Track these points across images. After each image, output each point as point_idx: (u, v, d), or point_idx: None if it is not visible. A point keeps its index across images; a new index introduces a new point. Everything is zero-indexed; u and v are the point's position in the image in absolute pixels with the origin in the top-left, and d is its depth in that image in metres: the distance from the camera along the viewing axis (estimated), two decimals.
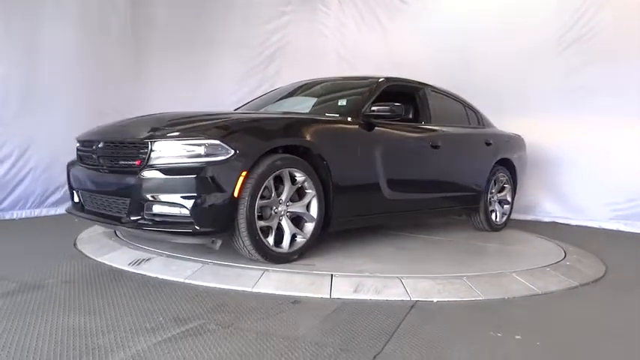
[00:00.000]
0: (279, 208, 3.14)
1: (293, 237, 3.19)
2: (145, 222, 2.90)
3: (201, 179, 2.79)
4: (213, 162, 2.82)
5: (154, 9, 6.45)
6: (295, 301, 2.65)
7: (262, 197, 2.99)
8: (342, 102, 4.07)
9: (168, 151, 2.89)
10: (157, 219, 2.89)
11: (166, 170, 2.86)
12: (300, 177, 3.19)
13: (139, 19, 6.19)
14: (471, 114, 5.08)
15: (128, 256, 3.22)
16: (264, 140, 3.05)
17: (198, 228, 2.82)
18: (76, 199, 3.50)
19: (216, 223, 2.86)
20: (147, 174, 2.89)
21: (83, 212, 3.39)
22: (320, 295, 2.74)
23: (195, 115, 3.38)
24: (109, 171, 3.15)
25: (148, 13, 6.34)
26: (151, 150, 2.90)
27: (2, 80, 4.78)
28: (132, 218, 2.94)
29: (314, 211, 3.26)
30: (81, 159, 3.46)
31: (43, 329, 2.08)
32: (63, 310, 2.33)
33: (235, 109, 4.57)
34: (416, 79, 4.56)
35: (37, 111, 5.02)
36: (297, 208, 3.21)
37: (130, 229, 3.08)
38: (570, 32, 5.98)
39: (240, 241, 2.96)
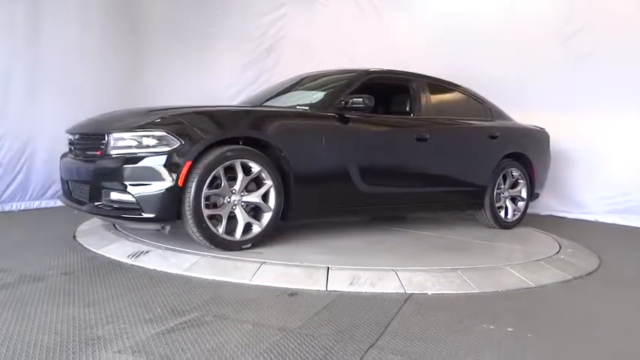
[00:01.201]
0: (232, 198, 3.21)
1: (249, 226, 3.27)
2: (104, 208, 3.12)
3: (146, 168, 2.99)
4: (158, 152, 2.99)
5: (154, 2, 6.44)
6: (292, 293, 2.69)
7: (212, 187, 3.10)
8: (318, 95, 4.02)
9: (121, 142, 3.09)
10: (115, 205, 3.08)
11: (117, 159, 3.06)
12: (255, 168, 3.25)
13: (138, 13, 6.19)
14: (476, 106, 4.87)
15: (127, 249, 3.25)
16: (210, 132, 3.14)
17: (144, 214, 3.00)
18: (66, 188, 3.66)
19: (162, 210, 3.00)
20: (101, 163, 3.15)
21: (70, 200, 3.53)
22: (316, 288, 2.78)
23: (163, 108, 3.42)
24: (82, 160, 3.39)
25: (147, 6, 6.33)
26: (108, 141, 3.12)
27: (3, 72, 4.79)
28: (94, 204, 3.16)
29: (272, 201, 3.31)
30: (68, 150, 3.69)
31: (43, 320, 2.12)
32: (63, 301, 2.37)
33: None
34: (409, 71, 4.48)
35: (38, 103, 5.04)
36: (253, 198, 3.28)
37: (89, 213, 3.32)
38: (569, 25, 5.98)
39: (189, 228, 3.09)
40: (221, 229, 3.16)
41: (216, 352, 1.90)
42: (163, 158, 2.97)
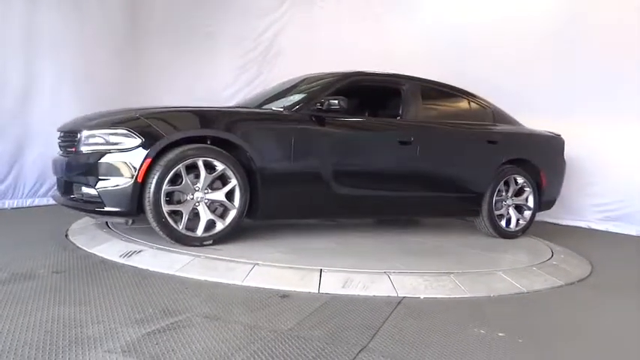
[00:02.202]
0: (196, 195, 3.28)
1: (212, 223, 3.33)
2: (76, 201, 3.33)
3: (108, 164, 3.15)
4: (120, 149, 3.15)
5: (153, 1, 6.45)
6: (284, 295, 2.68)
7: (177, 184, 3.21)
8: (297, 96, 4.00)
9: (91, 140, 3.25)
10: (85, 198, 3.26)
11: (85, 155, 3.25)
12: (219, 166, 3.31)
13: (139, 11, 6.19)
14: (477, 109, 4.73)
15: (119, 248, 3.24)
16: (170, 131, 3.22)
17: (107, 208, 3.16)
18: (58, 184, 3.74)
19: (122, 204, 3.14)
20: (73, 158, 3.34)
21: (62, 196, 3.62)
22: (309, 290, 2.78)
23: (143, 108, 3.46)
24: (64, 157, 3.52)
25: (147, 5, 6.33)
26: (80, 138, 3.28)
27: None
28: (68, 197, 3.40)
29: (236, 200, 3.36)
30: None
31: (34, 319, 2.10)
32: (53, 300, 2.36)
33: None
34: (401, 73, 4.41)
35: (32, 101, 5.02)
36: (217, 196, 3.33)
37: (64, 205, 3.50)
38: (565, 29, 6.00)
39: (150, 222, 3.21)
40: (181, 225, 3.24)
41: (206, 352, 1.90)
42: (124, 155, 3.13)
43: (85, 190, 3.26)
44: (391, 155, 4.06)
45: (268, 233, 3.91)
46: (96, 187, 3.16)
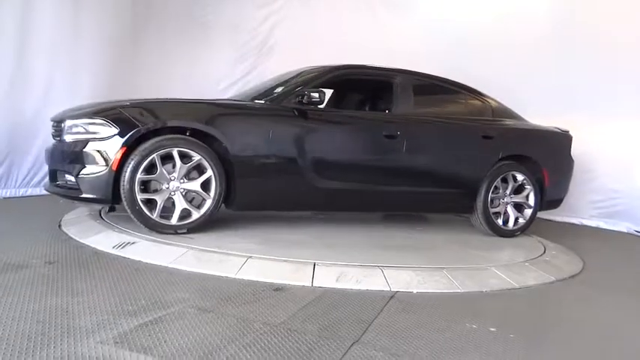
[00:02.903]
0: (171, 184, 3.35)
1: (189, 212, 3.40)
2: (61, 187, 3.45)
3: (84, 152, 3.25)
4: (97, 138, 3.26)
5: None
6: (277, 288, 2.69)
7: (149, 173, 3.29)
8: (281, 89, 3.97)
9: (73, 129, 3.36)
10: (67, 185, 3.38)
11: (67, 144, 3.37)
12: (195, 157, 3.36)
13: (136, 3, 6.15)
14: (475, 104, 4.61)
15: (113, 239, 3.23)
16: (145, 122, 3.30)
17: (83, 195, 3.28)
18: None
19: (98, 192, 3.25)
20: (57, 146, 3.48)
21: (49, 184, 3.71)
22: (302, 283, 2.79)
23: (127, 100, 3.53)
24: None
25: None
26: (63, 128, 3.40)
27: None
28: (54, 183, 3.52)
29: (212, 190, 3.42)
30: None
31: (26, 309, 2.10)
32: (46, 290, 2.35)
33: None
34: (391, 67, 4.36)
35: (28, 90, 4.99)
36: (192, 186, 3.40)
37: (50, 192, 3.63)
38: (563, 28, 6.01)
39: (126, 209, 3.29)
40: (155, 213, 3.30)
41: (198, 344, 1.90)
42: (101, 144, 3.24)
43: (67, 177, 3.38)
44: (375, 149, 4.02)
45: (247, 224, 3.93)
46: (74, 174, 3.28)
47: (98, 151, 3.23)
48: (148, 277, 2.67)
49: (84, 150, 3.25)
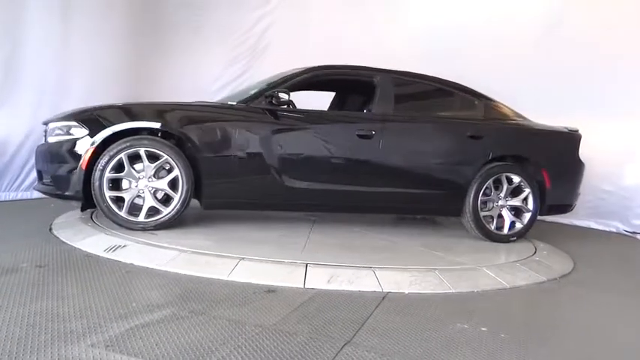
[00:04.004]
0: (140, 183, 3.50)
1: (157, 209, 3.54)
2: (44, 185, 3.65)
3: (60, 153, 3.50)
4: (70, 139, 3.48)
5: None
6: (269, 290, 2.69)
7: (118, 171, 3.48)
8: (254, 90, 4.01)
9: (54, 131, 3.59)
10: (48, 183, 3.61)
11: (48, 145, 3.60)
12: (162, 156, 3.50)
13: (129, 3, 6.15)
14: (463, 103, 4.45)
15: (104, 242, 3.22)
16: (112, 123, 3.48)
17: (57, 192, 3.54)
18: None
19: (70, 189, 3.46)
20: (41, 147, 3.70)
21: (37, 183, 3.89)
22: (294, 285, 2.79)
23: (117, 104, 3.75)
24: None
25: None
26: (47, 130, 3.65)
27: None
28: (41, 182, 3.71)
29: (179, 189, 3.53)
30: None
31: (16, 313, 2.09)
32: (36, 294, 2.34)
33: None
34: (372, 66, 4.29)
35: (19, 94, 4.97)
36: (159, 184, 3.53)
37: (36, 190, 3.86)
38: (552, 30, 6.05)
39: (97, 205, 3.48)
40: (123, 210, 3.46)
41: (190, 347, 1.90)
42: (71, 144, 3.46)
43: (48, 175, 3.64)
44: (348, 149, 3.96)
45: (216, 222, 4.03)
46: (51, 173, 3.56)
47: (72, 151, 3.45)
48: (139, 280, 2.66)
49: (60, 150, 3.49)
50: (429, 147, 4.20)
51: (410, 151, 4.13)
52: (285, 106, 3.80)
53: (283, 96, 3.67)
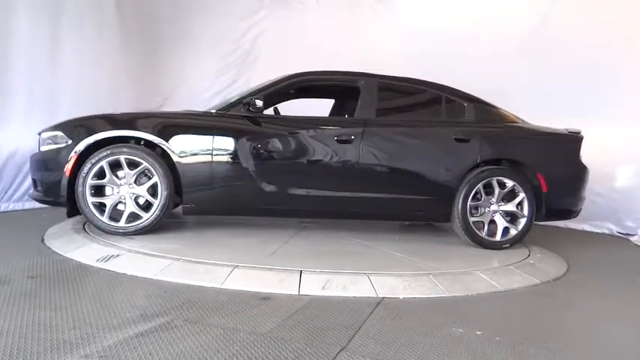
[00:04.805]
0: (121, 189, 3.62)
1: (138, 215, 3.63)
2: (37, 192, 3.80)
3: (44, 160, 3.73)
4: (56, 148, 3.66)
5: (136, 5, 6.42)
6: (264, 297, 2.68)
7: (100, 178, 3.60)
8: (234, 98, 4.06)
9: (44, 141, 3.78)
10: (39, 190, 3.77)
11: (39, 154, 3.79)
12: (142, 163, 3.60)
13: (120, 14, 6.15)
14: (451, 106, 4.33)
15: (97, 252, 3.20)
16: (91, 132, 3.62)
17: (45, 198, 3.74)
18: None
19: (56, 196, 3.62)
20: (34, 156, 3.86)
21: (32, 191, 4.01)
22: (289, 292, 2.78)
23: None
24: None
25: (129, 9, 6.29)
26: (39, 140, 3.82)
27: None
28: (35, 190, 3.84)
29: (158, 195, 3.63)
30: None
31: (8, 324, 2.07)
32: (28, 305, 2.32)
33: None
34: (356, 71, 4.28)
35: (9, 107, 4.97)
36: (139, 190, 3.63)
37: (30, 197, 4.03)
38: (540, 32, 6.09)
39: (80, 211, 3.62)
40: (104, 216, 3.57)
41: (184, 355, 1.89)
42: (56, 153, 3.64)
43: (40, 183, 3.80)
44: (327, 154, 3.93)
45: (197, 228, 4.15)
46: (38, 180, 3.77)
47: (57, 159, 3.61)
48: (133, 289, 2.65)
49: (48, 159, 3.69)
50: (412, 151, 4.10)
51: (392, 156, 4.04)
52: (263, 113, 3.89)
53: (259, 103, 3.73)
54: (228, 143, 3.77)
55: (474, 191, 4.03)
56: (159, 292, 2.62)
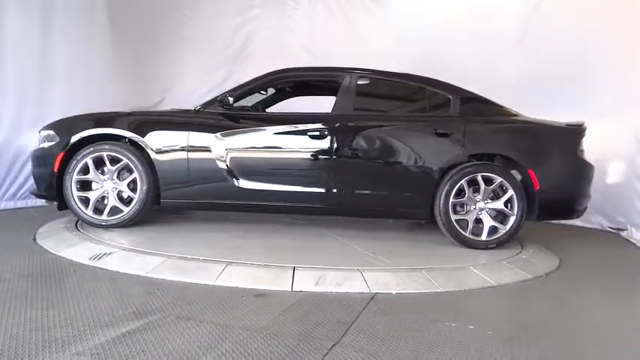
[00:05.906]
0: (105, 184, 3.81)
1: (119, 209, 3.80)
2: (35, 188, 4.03)
3: (36, 157, 3.98)
4: (47, 146, 3.87)
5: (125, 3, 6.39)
6: (257, 294, 2.68)
7: (86, 174, 3.80)
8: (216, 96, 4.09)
9: (40, 138, 3.99)
10: (39, 186, 3.98)
11: (37, 150, 3.99)
12: (123, 160, 3.78)
13: (111, 14, 6.12)
14: (434, 99, 4.22)
15: (89, 250, 3.19)
16: (75, 131, 3.82)
17: (38, 192, 3.99)
18: None
19: (45, 190, 3.89)
20: (32, 153, 4.07)
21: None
22: (282, 288, 2.79)
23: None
24: None
25: (118, 8, 6.26)
26: (39, 137, 4.02)
27: None
28: (34, 185, 4.07)
29: (138, 190, 3.78)
30: None
31: None
32: (20, 304, 2.31)
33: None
34: (336, 66, 4.31)
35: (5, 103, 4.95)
36: (121, 185, 3.81)
37: (31, 192, 4.30)
38: (533, 26, 6.11)
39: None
40: (89, 209, 3.76)
41: (177, 352, 1.89)
42: (46, 150, 3.85)
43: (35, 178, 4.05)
44: (300, 150, 3.92)
45: (176, 223, 4.26)
46: (35, 175, 4.00)
47: (47, 156, 3.82)
48: (126, 287, 2.64)
49: (41, 155, 3.91)
50: (389, 145, 3.98)
51: (367, 151, 3.97)
52: (244, 111, 4.05)
53: (231, 100, 3.81)
54: (203, 139, 3.86)
55: (456, 188, 3.85)
56: (151, 290, 2.61)
